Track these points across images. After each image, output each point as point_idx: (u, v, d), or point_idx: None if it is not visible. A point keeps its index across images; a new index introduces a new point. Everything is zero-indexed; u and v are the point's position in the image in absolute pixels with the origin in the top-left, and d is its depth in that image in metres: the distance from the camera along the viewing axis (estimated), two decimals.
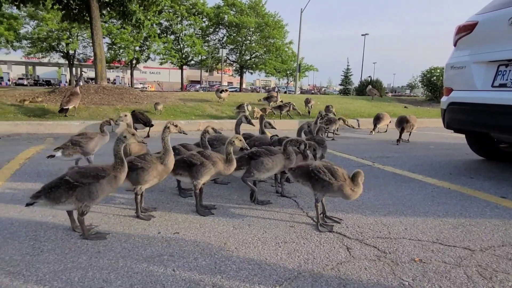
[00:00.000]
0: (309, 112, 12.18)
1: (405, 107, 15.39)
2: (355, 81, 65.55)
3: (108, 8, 14.10)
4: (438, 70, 19.91)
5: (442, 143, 8.41)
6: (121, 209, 3.32)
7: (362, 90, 42.20)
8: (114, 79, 76.01)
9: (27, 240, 2.61)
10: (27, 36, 45.65)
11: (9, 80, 71.66)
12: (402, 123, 8.06)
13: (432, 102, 19.09)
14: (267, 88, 78.22)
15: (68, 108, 8.91)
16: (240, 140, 3.33)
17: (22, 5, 12.20)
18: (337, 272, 2.31)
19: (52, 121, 8.43)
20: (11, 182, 4.07)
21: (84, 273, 2.20)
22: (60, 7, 13.27)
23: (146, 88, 63.03)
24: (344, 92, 60.87)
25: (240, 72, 57.36)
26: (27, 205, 2.52)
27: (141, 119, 7.97)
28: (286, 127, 10.49)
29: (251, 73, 61.87)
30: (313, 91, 72.31)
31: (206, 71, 60.39)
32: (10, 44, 44.09)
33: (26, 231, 2.76)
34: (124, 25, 36.85)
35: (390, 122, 9.74)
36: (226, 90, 12.91)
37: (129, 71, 59.94)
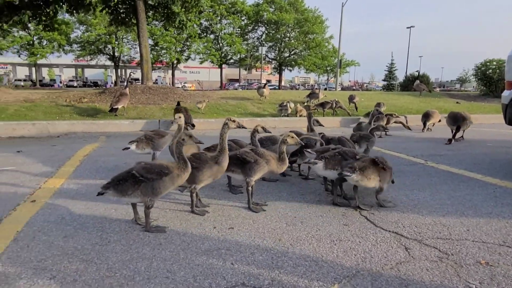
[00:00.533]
0: (356, 109, 11.85)
1: (457, 102, 14.58)
2: (400, 76, 62.94)
3: (153, 11, 14.62)
4: (494, 63, 18.66)
5: (501, 140, 7.89)
6: (176, 204, 3.45)
7: (408, 85, 40.45)
8: (156, 79, 78.62)
9: (95, 231, 2.78)
10: (77, 40, 48.55)
11: (61, 82, 76.46)
12: (458, 120, 7.26)
13: (487, 97, 17.94)
14: (306, 85, 77.37)
15: (117, 108, 9.38)
16: (293, 138, 3.34)
17: (75, 12, 12.96)
18: (397, 272, 2.25)
19: (104, 120, 8.91)
20: (74, 178, 4.36)
21: (149, 263, 2.32)
22: (109, 11, 13.97)
23: (186, 87, 64.74)
24: (388, 87, 58.77)
25: (279, 69, 57.20)
26: (99, 194, 2.72)
27: (184, 116, 8.31)
28: (329, 125, 10.33)
29: (290, 70, 61.41)
30: (354, 87, 70.44)
31: (245, 70, 60.83)
32: (62, 48, 47.19)
33: (93, 223, 2.95)
34: (167, 27, 38.02)
35: (439, 120, 9.12)
36: (265, 85, 12.89)
37: (170, 71, 61.81)
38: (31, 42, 45.05)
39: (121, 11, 14.05)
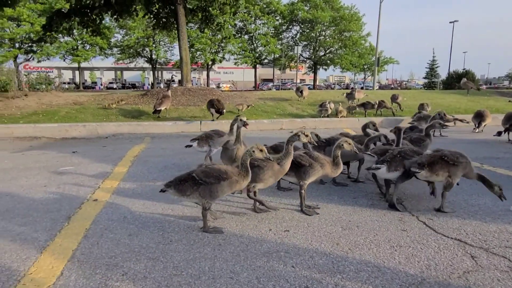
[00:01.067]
0: (401, 109, 11.45)
1: (509, 101, 13.72)
2: (442, 74, 60.28)
3: (191, 14, 14.95)
4: None
5: None
6: (231, 206, 3.51)
7: (451, 83, 38.66)
8: (191, 80, 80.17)
9: (156, 230, 2.90)
10: (117, 44, 50.69)
11: (101, 85, 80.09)
12: None
13: None
14: (342, 84, 75.85)
15: (160, 110, 9.68)
16: (350, 144, 3.32)
17: (119, 17, 13.52)
18: (466, 282, 2.18)
19: (148, 122, 9.23)
20: (128, 178, 4.55)
21: (212, 263, 2.39)
22: (151, 16, 14.46)
23: (221, 88, 65.65)
24: (429, 86, 56.50)
25: (314, 69, 56.58)
26: (161, 191, 2.83)
27: (216, 105, 9.32)
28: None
29: (325, 69, 60.58)
30: (392, 86, 68.17)
31: (279, 69, 60.78)
32: (103, 51, 49.47)
33: (153, 222, 3.07)
34: (203, 29, 38.81)
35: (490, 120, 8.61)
36: (304, 89, 12.78)
37: (204, 72, 62.89)
38: (76, 46, 47.60)
39: (162, 15, 14.49)
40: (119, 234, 2.82)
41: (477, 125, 8.53)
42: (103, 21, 13.75)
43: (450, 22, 54.28)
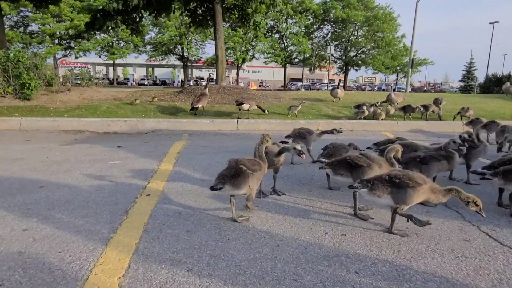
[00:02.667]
0: (439, 117, 10.75)
1: None
2: (480, 77, 57.72)
3: (229, 13, 15.07)
4: None
5: None
6: (282, 208, 3.50)
7: (489, 86, 37.00)
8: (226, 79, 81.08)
9: (212, 228, 2.94)
10: (151, 41, 51.97)
11: (133, 81, 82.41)
12: None
13: None
14: (372, 85, 74.10)
15: (198, 107, 9.84)
16: (399, 151, 3.27)
17: (158, 15, 13.82)
18: None
19: (186, 119, 9.39)
20: (175, 174, 4.64)
21: (274, 264, 2.39)
22: (188, 14, 14.69)
23: (248, 87, 65.92)
24: (465, 89, 54.36)
25: (345, 69, 55.71)
26: (214, 189, 2.87)
27: (259, 107, 9.65)
28: (408, 128, 9.83)
29: (356, 70, 59.57)
30: (425, 88, 65.91)
31: (308, 70, 60.27)
32: (137, 49, 50.89)
33: (208, 220, 3.11)
34: (238, 28, 39.22)
35: None
36: (339, 86, 12.56)
37: (233, 70, 63.30)
38: (111, 43, 49.26)
39: (199, 13, 14.70)
40: (177, 230, 2.88)
41: None
42: (143, 20, 14.06)
43: (490, 23, 51.98)
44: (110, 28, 13.87)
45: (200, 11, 14.50)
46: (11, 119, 8.69)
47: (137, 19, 13.92)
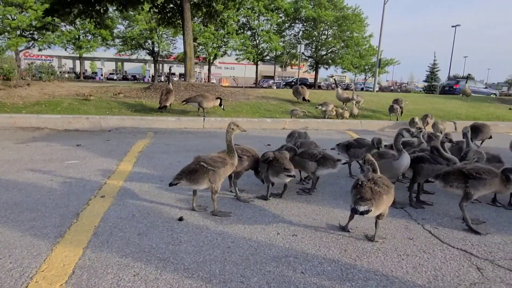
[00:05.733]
0: (396, 118, 10.98)
1: (510, 109, 13.72)
2: (442, 77, 60.11)
3: (196, 9, 14.88)
4: None
5: None
6: (238, 208, 3.53)
7: (450, 87, 38.54)
8: (195, 76, 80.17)
9: (165, 230, 2.92)
10: (120, 35, 50.52)
11: (102, 75, 79.86)
12: None
13: None
14: (342, 83, 75.35)
15: (166, 106, 9.69)
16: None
17: (124, 10, 13.45)
18: None
19: (151, 116, 9.22)
20: (134, 174, 4.57)
21: (222, 266, 2.41)
22: (157, 10, 14.39)
23: (220, 83, 65.54)
24: (429, 89, 56.51)
25: (315, 67, 56.50)
26: (172, 185, 3.07)
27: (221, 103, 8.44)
28: (369, 128, 10.13)
29: (326, 69, 60.55)
30: (392, 88, 68.06)
31: (280, 67, 60.71)
32: (105, 42, 49.26)
33: (162, 222, 3.09)
34: (207, 24, 38.84)
35: (491, 137, 7.00)
36: (303, 87, 12.59)
37: (205, 67, 62.67)
38: (78, 36, 47.43)
39: (167, 10, 14.43)
40: (128, 233, 2.84)
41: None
42: (107, 13, 13.62)
43: (452, 26, 54.30)
44: (71, 15, 13.33)
45: (168, 7, 14.23)
46: None
47: (102, 11, 13.47)
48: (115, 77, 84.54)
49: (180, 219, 3.13)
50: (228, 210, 3.42)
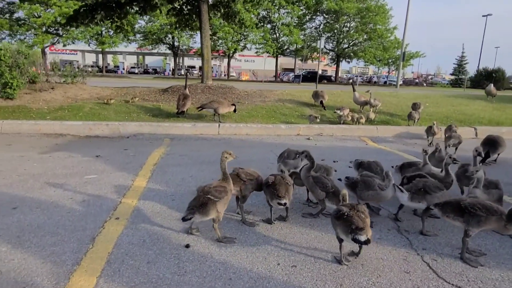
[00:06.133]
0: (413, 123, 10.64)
1: None
2: (471, 70, 57.86)
3: (214, 10, 15.02)
4: None
5: None
6: (242, 235, 3.69)
7: (479, 80, 37.22)
8: (212, 67, 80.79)
9: (172, 259, 3.12)
10: (141, 30, 51.42)
11: (123, 69, 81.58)
12: None
13: None
14: (365, 76, 73.81)
15: (184, 111, 9.99)
16: None
17: (144, 13, 13.74)
18: None
19: (168, 123, 9.47)
20: (148, 192, 4.80)
21: None
22: (174, 13, 14.62)
23: (240, 77, 65.55)
24: (456, 83, 54.74)
25: (337, 61, 55.74)
26: (185, 220, 3.29)
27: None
28: (388, 133, 10.07)
29: (348, 62, 59.75)
30: (417, 81, 66.18)
31: (301, 60, 60.13)
32: (127, 37, 50.21)
33: (170, 249, 3.28)
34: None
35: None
36: (322, 91, 12.51)
37: (225, 60, 62.87)
38: (100, 32, 48.61)
39: (185, 12, 14.63)
40: (138, 261, 3.05)
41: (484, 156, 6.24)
42: (128, 16, 13.95)
43: (483, 16, 52.23)
44: (94, 22, 13.75)
45: (186, 10, 14.43)
46: None
47: (122, 16, 13.81)
48: (136, 71, 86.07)
49: (187, 246, 3.32)
50: (233, 234, 3.60)
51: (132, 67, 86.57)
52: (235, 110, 9.99)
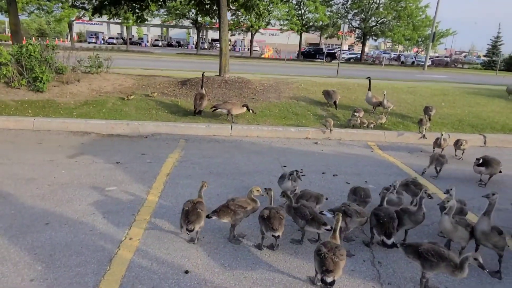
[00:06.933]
0: (423, 136, 9.95)
1: None
2: (507, 51, 54.97)
3: (233, 1, 15.18)
4: None
5: None
6: (237, 258, 4.30)
7: None
8: (235, 41, 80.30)
9: (173, 285, 3.76)
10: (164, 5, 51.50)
11: (147, 42, 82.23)
12: None
13: None
14: (393, 54, 71.23)
15: (201, 110, 10.59)
16: None
17: (164, 4, 14.11)
18: None
19: (184, 123, 10.02)
20: (159, 209, 5.46)
21: None
22: (195, 3, 14.89)
23: (263, 54, 64.89)
24: (489, 64, 52.38)
25: (363, 39, 54.24)
26: (208, 217, 4.31)
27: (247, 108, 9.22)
28: (395, 139, 10.30)
29: (375, 40, 58.10)
30: (448, 60, 63.28)
31: (325, 38, 58.88)
32: (151, 12, 50.43)
33: (172, 274, 3.92)
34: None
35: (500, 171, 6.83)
36: (334, 91, 12.34)
37: (249, 34, 62.33)
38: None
39: (205, 2, 14.88)
40: (146, 286, 3.72)
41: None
42: (149, 8, 14.37)
43: None
44: (116, 13, 14.30)
45: (206, 0, 14.68)
46: (25, 119, 9.59)
47: (144, 8, 14.24)
48: (160, 44, 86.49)
49: (186, 272, 3.96)
50: (227, 260, 4.21)
51: (156, 40, 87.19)
52: (249, 110, 10.41)
